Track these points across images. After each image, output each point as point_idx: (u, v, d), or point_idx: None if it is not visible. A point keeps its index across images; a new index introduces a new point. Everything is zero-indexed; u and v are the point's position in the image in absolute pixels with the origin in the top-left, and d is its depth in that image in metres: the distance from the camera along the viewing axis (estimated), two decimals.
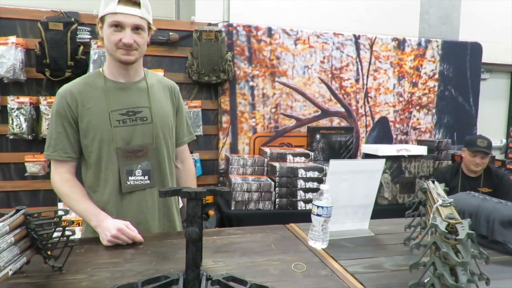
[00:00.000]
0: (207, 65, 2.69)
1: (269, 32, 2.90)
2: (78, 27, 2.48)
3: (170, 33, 2.69)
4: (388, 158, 2.59)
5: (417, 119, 3.27)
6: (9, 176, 2.51)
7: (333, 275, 1.01)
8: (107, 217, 1.25)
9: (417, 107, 3.26)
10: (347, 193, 1.30)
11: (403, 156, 2.64)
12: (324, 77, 3.04)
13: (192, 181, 1.64)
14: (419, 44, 3.21)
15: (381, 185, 2.61)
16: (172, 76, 2.58)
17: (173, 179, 1.49)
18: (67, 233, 0.93)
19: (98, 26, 1.32)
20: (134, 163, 1.34)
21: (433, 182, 1.21)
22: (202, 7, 2.95)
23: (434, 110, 3.30)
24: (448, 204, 0.94)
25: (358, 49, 3.08)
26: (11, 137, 2.40)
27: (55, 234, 0.91)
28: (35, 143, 2.50)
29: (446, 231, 0.77)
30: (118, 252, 1.11)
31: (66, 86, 1.34)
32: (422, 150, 2.70)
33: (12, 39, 2.35)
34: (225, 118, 2.86)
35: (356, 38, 3.07)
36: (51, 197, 2.53)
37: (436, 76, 3.27)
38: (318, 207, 1.16)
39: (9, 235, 0.79)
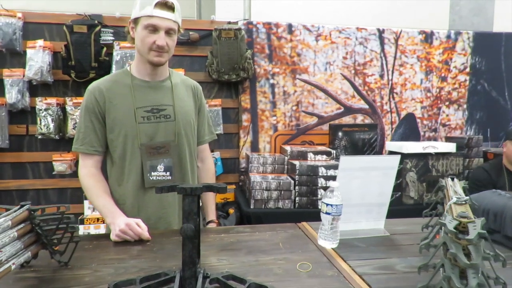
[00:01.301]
0: (226, 63, 2.68)
1: (290, 28, 2.85)
2: (102, 29, 2.55)
3: (190, 33, 2.70)
4: (414, 155, 2.48)
5: (447, 115, 3.11)
6: (38, 175, 2.61)
7: (340, 275, 0.96)
8: (121, 215, 1.29)
9: (447, 103, 3.11)
10: (360, 191, 1.24)
11: (430, 154, 2.52)
12: (346, 73, 2.96)
13: (211, 180, 1.68)
14: (448, 37, 3.06)
15: (406, 184, 2.51)
16: (192, 75, 2.60)
17: (194, 176, 1.52)
18: (70, 229, 0.94)
19: (129, 27, 1.38)
20: (156, 159, 1.38)
21: (452, 179, 1.14)
22: (222, 6, 2.96)
23: (465, 106, 3.13)
24: (464, 202, 0.87)
25: (382, 43, 2.98)
26: (40, 137, 2.49)
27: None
28: (62, 142, 2.59)
29: (455, 231, 0.71)
30: (124, 248, 1.12)
31: (95, 83, 1.41)
32: (451, 147, 2.56)
33: (40, 42, 2.44)
34: (245, 117, 2.84)
35: (380, 32, 2.97)
36: (78, 195, 2.61)
37: (467, 69, 3.10)
38: (327, 205, 1.12)
39: (11, 230, 0.81)
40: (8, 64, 2.48)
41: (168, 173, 1.39)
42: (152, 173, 1.37)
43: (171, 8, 1.31)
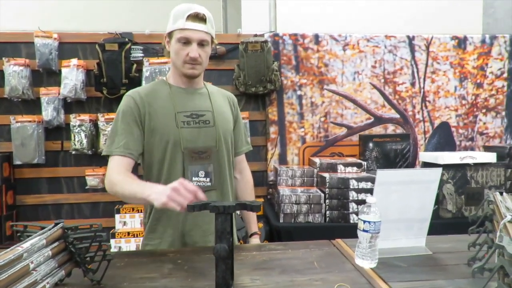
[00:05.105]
0: (253, 76, 2.68)
1: (316, 39, 2.82)
2: (132, 46, 2.61)
3: (217, 47, 2.72)
4: (450, 166, 2.36)
5: (484, 123, 2.97)
6: (72, 189, 2.68)
7: None
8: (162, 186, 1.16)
9: (484, 110, 2.96)
10: (399, 206, 1.18)
11: (468, 165, 2.39)
12: (376, 83, 2.88)
13: (251, 192, 1.66)
14: (483, 42, 2.93)
15: (443, 196, 2.38)
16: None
17: (232, 184, 1.51)
18: (103, 247, 0.93)
19: (165, 41, 1.40)
20: (198, 165, 1.36)
21: (501, 193, 1.06)
22: (248, 19, 2.97)
23: (503, 113, 2.97)
24: None
25: (412, 50, 2.89)
26: (74, 152, 2.56)
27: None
28: (95, 157, 2.64)
29: None
30: (156, 266, 1.11)
31: (134, 89, 1.42)
32: (491, 157, 2.42)
33: (74, 61, 2.52)
34: (273, 129, 2.82)
35: (410, 39, 2.89)
36: (110, 209, 2.65)
37: (505, 75, 2.96)
38: (364, 222, 1.06)
39: (46, 248, 0.81)
40: (45, 83, 2.58)
41: (208, 179, 1.37)
42: (194, 178, 1.34)
43: (203, 19, 1.32)
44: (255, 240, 1.60)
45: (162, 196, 1.04)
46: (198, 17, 1.32)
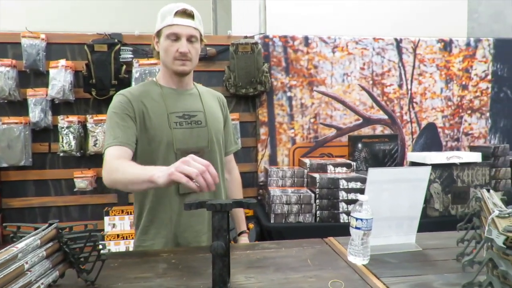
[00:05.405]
0: (244, 77, 2.69)
1: (306, 41, 2.85)
2: (121, 48, 2.59)
3: (208, 48, 2.73)
4: (437, 166, 2.41)
5: (469, 124, 3.04)
6: (60, 192, 2.64)
7: None
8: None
9: (469, 111, 3.03)
10: (390, 204, 1.20)
11: (454, 164, 2.44)
12: (364, 84, 2.93)
13: (239, 191, 1.67)
14: (468, 44, 3.01)
15: (430, 195, 2.43)
16: None
17: (224, 184, 1.51)
18: (98, 247, 0.93)
19: (154, 42, 1.39)
20: None
21: (488, 190, 1.09)
22: (238, 21, 2.99)
23: (488, 114, 3.05)
24: (507, 215, 0.83)
25: (400, 53, 2.95)
26: (62, 154, 2.52)
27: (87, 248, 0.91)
28: (83, 159, 2.61)
29: (505, 246, 0.67)
30: (150, 266, 1.10)
31: (124, 89, 1.40)
32: (476, 157, 2.48)
33: (62, 62, 2.49)
34: (263, 130, 2.83)
35: (398, 42, 2.94)
36: (99, 211, 2.63)
37: (489, 77, 3.04)
38: (357, 219, 1.08)
39: (40, 249, 0.80)
40: (32, 84, 2.54)
41: None
42: None
43: (190, 15, 1.33)
44: (244, 239, 1.62)
45: (169, 169, 1.00)
46: (186, 13, 1.32)
